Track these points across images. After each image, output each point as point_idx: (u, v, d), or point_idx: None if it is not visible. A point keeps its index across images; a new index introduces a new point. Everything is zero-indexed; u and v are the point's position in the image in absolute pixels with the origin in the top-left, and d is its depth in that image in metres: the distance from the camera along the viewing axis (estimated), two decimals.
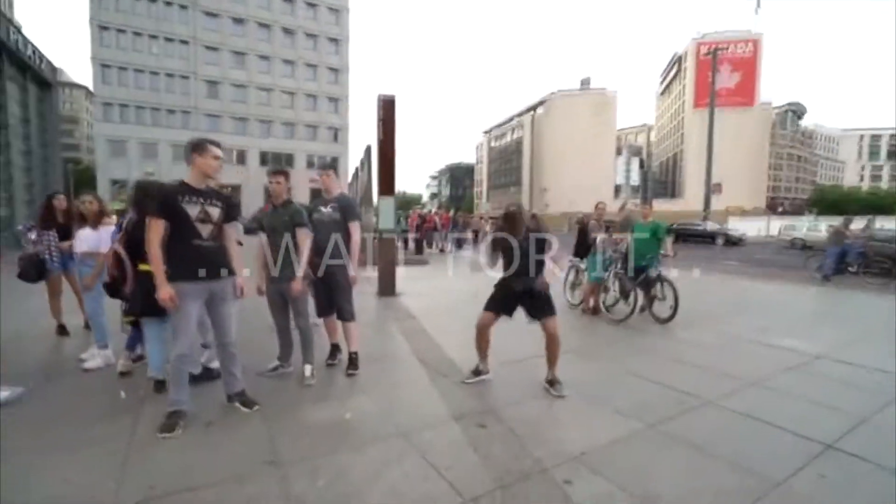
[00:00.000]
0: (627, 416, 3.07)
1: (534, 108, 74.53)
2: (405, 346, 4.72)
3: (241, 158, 45.63)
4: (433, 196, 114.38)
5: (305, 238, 3.65)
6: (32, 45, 19.89)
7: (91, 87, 43.99)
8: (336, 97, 50.59)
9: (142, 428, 2.82)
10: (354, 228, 3.98)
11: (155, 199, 2.78)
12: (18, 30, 18.96)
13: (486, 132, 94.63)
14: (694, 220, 27.16)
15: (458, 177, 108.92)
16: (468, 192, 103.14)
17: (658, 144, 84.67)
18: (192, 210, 2.83)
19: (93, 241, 4.04)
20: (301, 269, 3.61)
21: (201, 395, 3.22)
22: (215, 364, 3.92)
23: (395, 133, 7.74)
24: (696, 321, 5.88)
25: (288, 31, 47.55)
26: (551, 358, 3.59)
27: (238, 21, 45.51)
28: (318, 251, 3.87)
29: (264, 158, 46.30)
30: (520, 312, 3.71)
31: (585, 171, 62.18)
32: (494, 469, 2.40)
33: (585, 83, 72.63)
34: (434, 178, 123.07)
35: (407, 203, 75.39)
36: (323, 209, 3.94)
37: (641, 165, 72.95)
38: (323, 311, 4.06)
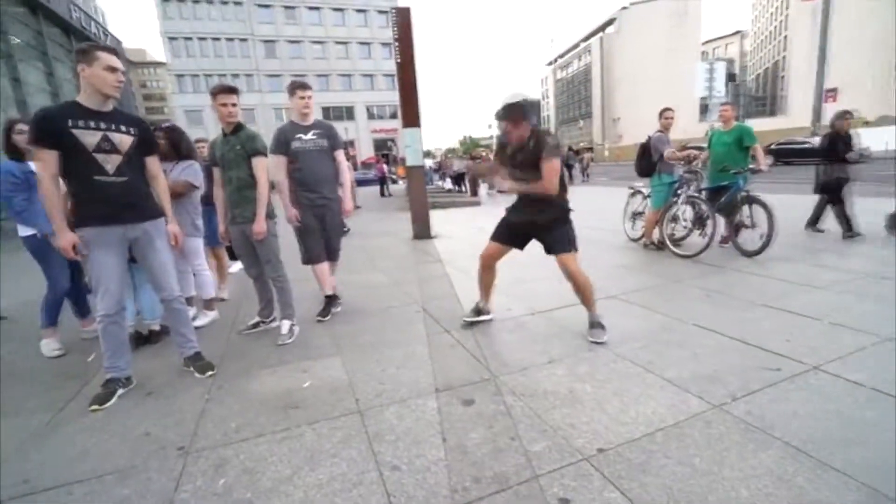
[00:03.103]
0: (685, 388, 2.12)
1: (602, 28, 66.59)
2: (415, 295, 4.02)
3: None
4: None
5: (262, 169, 2.98)
6: (96, 23, 20.76)
7: (166, 62, 46.44)
8: (389, 41, 48.75)
9: (83, 397, 2.44)
10: (341, 156, 3.43)
11: (37, 123, 2.18)
12: (80, 8, 19.74)
13: (549, 63, 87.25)
14: (799, 138, 22.72)
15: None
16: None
17: (754, 54, 72.35)
18: (89, 138, 2.22)
19: None
20: (260, 206, 2.97)
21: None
22: (200, 321, 3.57)
23: (413, 52, 6.69)
24: (797, 254, 4.50)
25: None
26: (584, 300, 2.86)
27: None
28: (306, 186, 3.30)
29: (326, 113, 46.76)
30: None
31: (664, 95, 54.55)
32: (461, 474, 1.65)
33: None
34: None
35: (475, 145, 73.06)
36: (304, 137, 3.26)
37: (732, 79, 62.96)
38: (315, 258, 3.46)
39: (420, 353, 2.76)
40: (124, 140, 2.33)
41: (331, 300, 3.60)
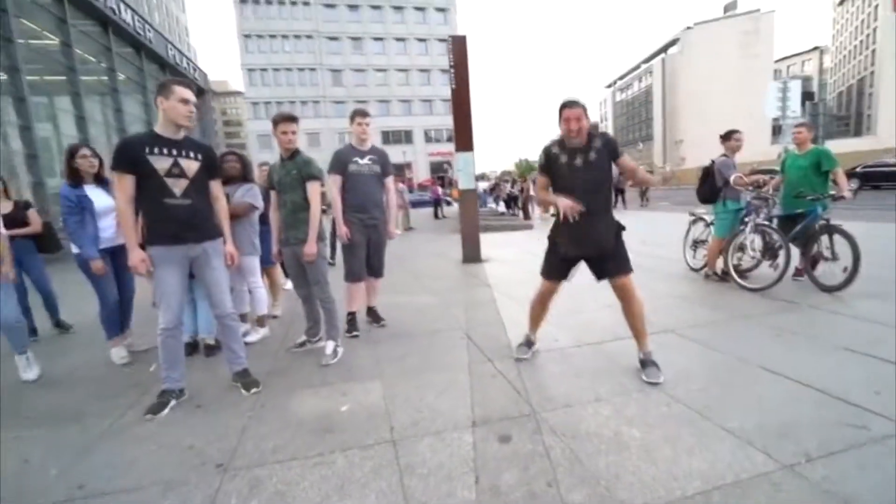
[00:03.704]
0: (748, 441, 1.90)
1: (665, 48, 64.66)
2: (460, 319, 3.97)
3: None
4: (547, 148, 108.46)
5: (316, 193, 3.11)
6: (187, 59, 23.17)
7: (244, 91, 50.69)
8: (447, 68, 50.31)
9: (141, 406, 2.60)
10: (391, 183, 3.63)
11: (118, 151, 2.43)
12: (175, 46, 22.13)
13: (608, 86, 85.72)
14: (891, 159, 20.41)
15: None
16: None
17: (835, 71, 66.86)
18: (162, 164, 2.43)
19: None
20: (312, 229, 3.09)
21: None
22: (251, 337, 3.73)
23: (468, 78, 6.82)
24: (888, 291, 3.98)
25: (397, 8, 48.35)
26: (638, 332, 2.72)
27: (353, 7, 47.63)
28: (358, 207, 3.50)
29: (386, 137, 48.76)
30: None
31: (732, 116, 51.60)
32: None
33: (731, 7, 60.30)
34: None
35: (529, 169, 72.80)
36: (360, 161, 3.49)
37: (809, 97, 58.26)
38: (355, 276, 3.62)
39: (461, 381, 2.69)
40: (191, 165, 2.53)
41: (354, 317, 3.75)
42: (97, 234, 3.27)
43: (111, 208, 3.32)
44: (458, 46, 6.69)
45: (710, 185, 4.71)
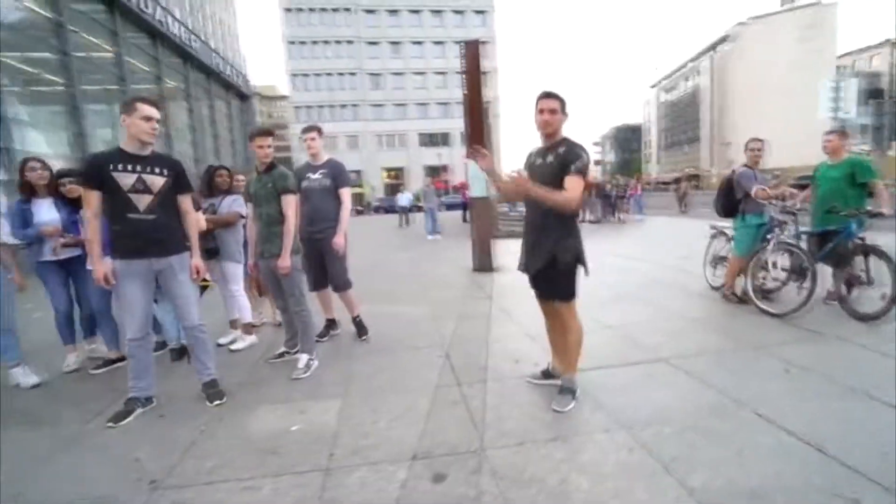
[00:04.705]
0: None
1: (715, 45, 61.43)
2: (446, 336, 3.84)
3: (403, 141, 49.36)
4: (597, 163, 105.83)
5: (291, 206, 3.08)
6: (230, 65, 24.31)
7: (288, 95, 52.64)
8: (485, 71, 50.08)
9: (111, 412, 2.65)
10: (346, 194, 3.56)
11: (85, 167, 2.49)
12: (219, 54, 23.27)
13: (653, 86, 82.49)
14: None
15: (624, 139, 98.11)
16: (635, 155, 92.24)
17: None
18: (126, 180, 2.47)
19: None
20: (286, 242, 3.06)
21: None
22: (238, 345, 3.77)
23: (481, 84, 6.67)
24: None
25: (436, 12, 48.69)
26: (566, 359, 2.62)
27: (392, 12, 48.39)
28: (309, 220, 3.48)
29: (423, 140, 49.25)
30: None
31: (790, 116, 48.30)
32: None
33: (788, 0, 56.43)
34: (597, 144, 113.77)
35: None
36: (312, 176, 3.54)
37: (877, 95, 53.19)
38: (317, 285, 3.71)
39: (420, 406, 2.57)
40: (157, 181, 2.55)
41: (331, 324, 3.91)
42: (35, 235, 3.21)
43: (55, 221, 3.28)
44: (471, 52, 6.57)
45: (729, 198, 4.34)
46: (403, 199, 18.74)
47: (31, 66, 11.86)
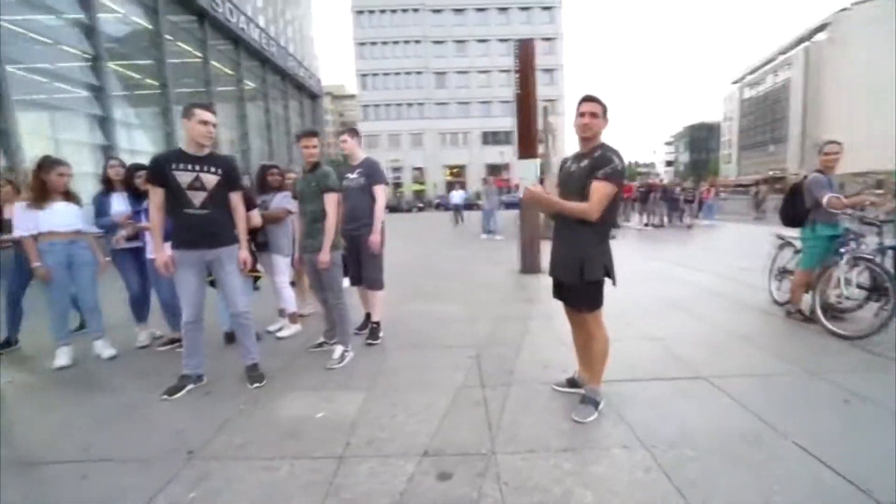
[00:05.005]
0: None
1: (810, 35, 55.30)
2: (479, 337, 3.85)
3: (465, 140, 49.56)
4: (668, 164, 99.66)
5: (331, 204, 3.25)
6: (304, 67, 25.74)
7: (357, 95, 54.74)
8: (551, 68, 49.08)
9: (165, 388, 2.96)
10: (379, 192, 3.64)
11: (150, 167, 2.80)
12: (294, 57, 24.72)
13: (735, 81, 75.93)
14: None
15: (700, 139, 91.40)
16: (712, 155, 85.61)
17: None
18: (184, 178, 2.74)
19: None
20: (327, 238, 3.23)
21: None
22: (283, 333, 4.03)
23: (534, 83, 6.55)
24: None
25: (502, 10, 48.26)
26: (591, 370, 2.56)
27: (458, 11, 48.62)
28: (348, 218, 3.64)
29: (486, 138, 49.16)
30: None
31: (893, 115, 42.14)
32: None
33: None
34: (669, 143, 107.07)
35: (632, 174, 67.75)
36: (350, 175, 3.66)
37: None
38: (354, 280, 3.85)
39: (439, 405, 2.62)
40: (211, 179, 2.80)
41: (370, 318, 3.91)
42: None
43: (126, 212, 3.65)
44: (524, 50, 6.47)
45: (796, 205, 3.94)
46: (456, 196, 18.64)
47: (135, 72, 13.33)
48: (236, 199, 2.98)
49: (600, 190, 2.24)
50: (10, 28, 9.16)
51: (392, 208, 41.27)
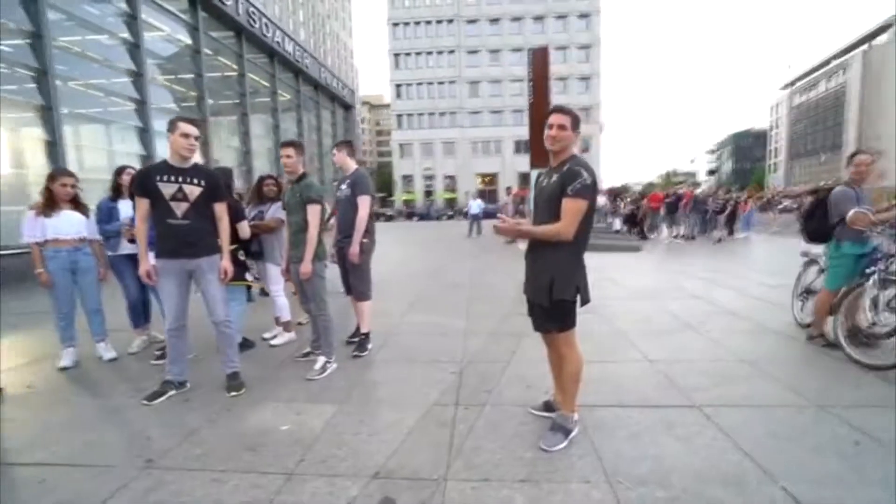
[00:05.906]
0: None
1: (869, 38, 51.84)
2: (470, 351, 3.74)
3: (497, 148, 49.45)
4: (711, 173, 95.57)
5: (314, 215, 3.26)
6: (337, 79, 26.45)
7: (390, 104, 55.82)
8: (587, 75, 48.46)
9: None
10: (362, 203, 3.58)
11: (137, 179, 2.89)
12: (328, 68, 25.45)
13: (786, 86, 72.09)
14: None
15: (745, 147, 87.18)
16: (758, 164, 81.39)
17: None
18: (168, 189, 2.81)
19: None
20: (308, 249, 3.24)
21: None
22: (276, 340, 4.07)
23: (548, 92, 6.41)
24: None
25: (538, 18, 48.09)
26: (562, 395, 2.44)
27: (494, 21, 48.82)
28: (338, 229, 3.70)
29: (518, 146, 48.87)
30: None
31: None
32: None
33: None
34: (712, 151, 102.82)
35: (669, 183, 65.29)
36: (341, 187, 3.69)
37: None
38: (347, 290, 3.84)
39: (405, 424, 2.53)
40: (193, 191, 2.86)
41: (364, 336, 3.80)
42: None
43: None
44: (538, 59, 6.36)
45: (819, 220, 3.62)
46: (474, 206, 17.83)
47: (179, 86, 14.09)
48: (220, 209, 3.03)
49: (571, 208, 2.13)
50: (68, 47, 9.90)
51: (421, 216, 41.59)
